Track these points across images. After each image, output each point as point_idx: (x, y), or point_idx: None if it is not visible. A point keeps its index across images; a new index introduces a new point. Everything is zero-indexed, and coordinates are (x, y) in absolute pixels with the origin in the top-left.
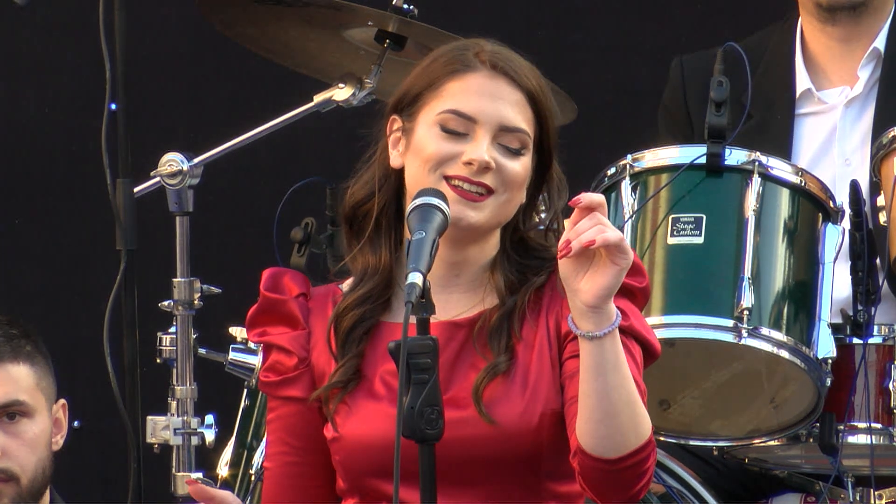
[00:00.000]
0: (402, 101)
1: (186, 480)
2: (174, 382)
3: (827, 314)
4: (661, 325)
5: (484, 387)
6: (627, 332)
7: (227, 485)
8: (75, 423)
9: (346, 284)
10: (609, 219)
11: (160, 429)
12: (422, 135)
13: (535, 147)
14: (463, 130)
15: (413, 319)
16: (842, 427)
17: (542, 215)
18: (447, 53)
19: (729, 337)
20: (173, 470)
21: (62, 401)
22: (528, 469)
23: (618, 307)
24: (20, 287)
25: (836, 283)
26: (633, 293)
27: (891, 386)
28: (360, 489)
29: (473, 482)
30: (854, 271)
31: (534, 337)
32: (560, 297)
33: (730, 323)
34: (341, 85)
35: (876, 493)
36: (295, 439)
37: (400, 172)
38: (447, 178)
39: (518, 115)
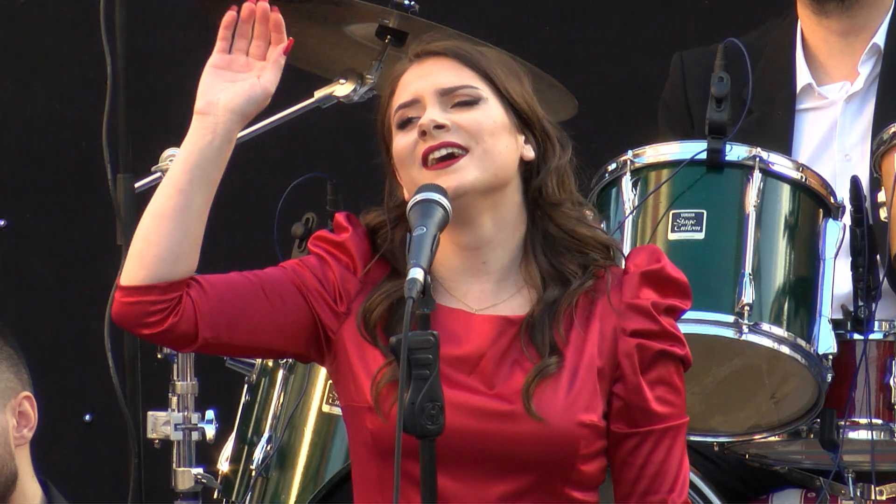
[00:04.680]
0: (381, 140)
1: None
2: (175, 378)
3: (828, 310)
4: None
5: (534, 387)
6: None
7: (227, 481)
8: (87, 417)
9: None
10: (610, 214)
11: (161, 424)
12: (394, 148)
13: (499, 98)
14: (414, 115)
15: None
16: (842, 423)
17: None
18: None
19: (729, 332)
20: (174, 465)
21: (24, 393)
22: (557, 471)
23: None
24: (31, 281)
25: (837, 279)
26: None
27: (891, 382)
28: (384, 463)
29: (503, 474)
30: (855, 267)
31: (583, 343)
32: (613, 311)
33: (730, 318)
34: (342, 81)
35: (877, 488)
36: (274, 287)
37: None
38: (423, 163)
39: (453, 76)
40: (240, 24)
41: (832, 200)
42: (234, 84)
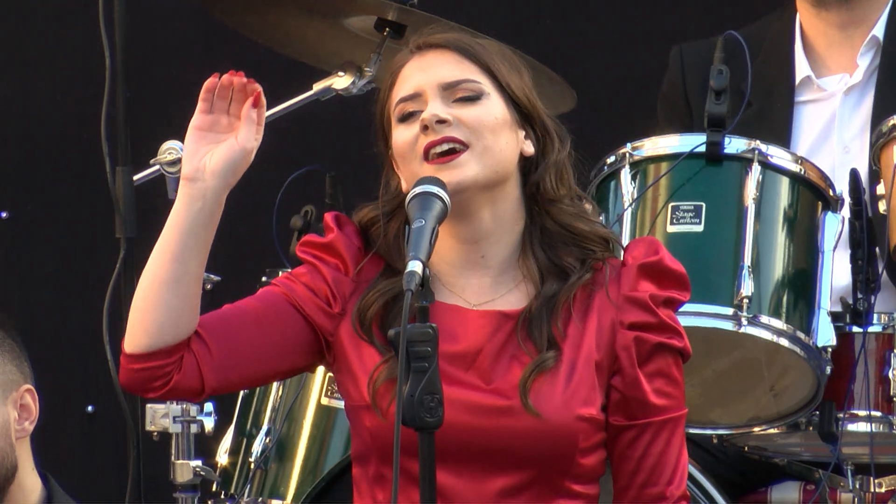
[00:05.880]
0: (380, 131)
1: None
2: None
3: (826, 302)
4: None
5: (532, 381)
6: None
7: (226, 473)
8: (89, 408)
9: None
10: (609, 207)
11: (159, 416)
12: (395, 141)
13: (501, 93)
14: (415, 108)
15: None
16: (841, 415)
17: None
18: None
19: (728, 325)
20: (172, 458)
21: (25, 386)
22: (556, 465)
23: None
24: (33, 272)
25: (836, 272)
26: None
27: (890, 374)
28: (384, 461)
29: (502, 470)
30: (854, 260)
31: (581, 337)
32: (611, 304)
33: (729, 311)
34: (341, 73)
35: (875, 480)
36: (272, 308)
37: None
38: (425, 157)
39: (455, 70)
40: (219, 88)
41: (831, 193)
42: (217, 146)
